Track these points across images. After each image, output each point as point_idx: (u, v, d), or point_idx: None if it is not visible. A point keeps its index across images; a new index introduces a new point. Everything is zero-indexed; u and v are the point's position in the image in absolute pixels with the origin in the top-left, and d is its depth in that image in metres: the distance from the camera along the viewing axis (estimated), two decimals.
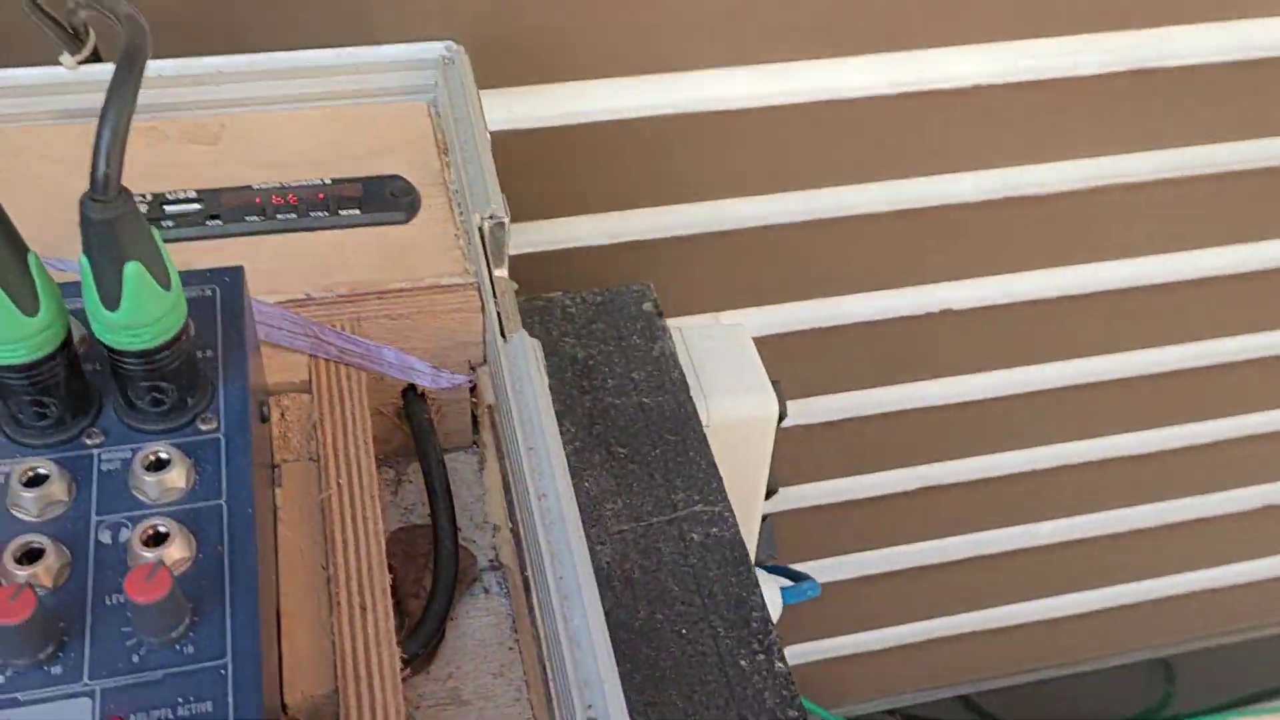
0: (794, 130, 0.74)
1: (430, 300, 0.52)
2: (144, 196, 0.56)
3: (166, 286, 0.37)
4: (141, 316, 0.36)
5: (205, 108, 0.62)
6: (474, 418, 0.55)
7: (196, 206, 0.55)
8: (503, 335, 0.50)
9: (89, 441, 0.39)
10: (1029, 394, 0.96)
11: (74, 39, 0.59)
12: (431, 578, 0.48)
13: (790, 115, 0.74)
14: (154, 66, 0.61)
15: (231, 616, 0.35)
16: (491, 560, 0.51)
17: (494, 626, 0.49)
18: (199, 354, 0.40)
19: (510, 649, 0.48)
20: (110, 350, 0.38)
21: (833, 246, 0.80)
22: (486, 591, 0.50)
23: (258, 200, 0.56)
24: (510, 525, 0.48)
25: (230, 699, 0.34)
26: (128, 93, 0.36)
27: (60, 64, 0.58)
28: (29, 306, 0.36)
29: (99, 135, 0.35)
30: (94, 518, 0.37)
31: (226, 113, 0.62)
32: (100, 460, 0.39)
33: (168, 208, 0.55)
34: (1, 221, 0.35)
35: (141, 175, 0.58)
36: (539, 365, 0.49)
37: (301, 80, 0.62)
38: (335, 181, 0.57)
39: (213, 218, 0.55)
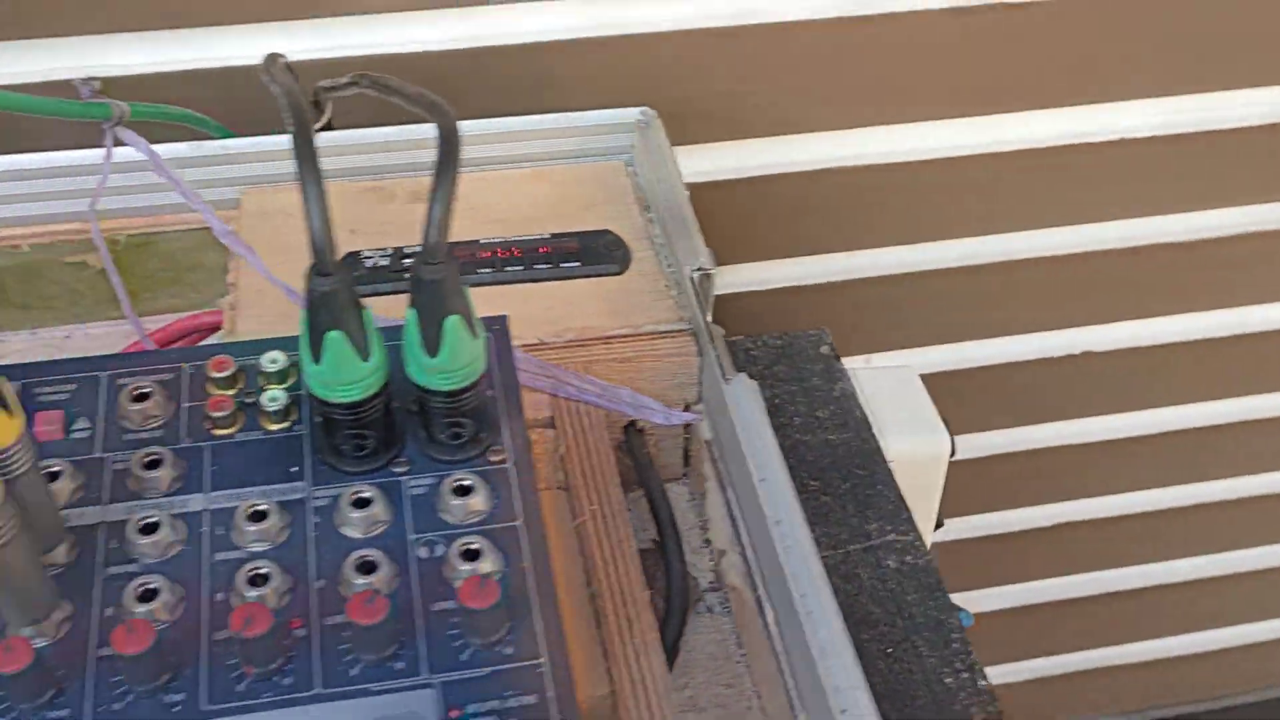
0: (954, 182, 0.79)
1: (651, 345, 0.58)
2: (384, 250, 0.62)
3: (475, 335, 0.42)
4: (456, 362, 0.42)
5: (427, 170, 0.68)
6: (685, 452, 0.60)
7: None
8: (724, 377, 0.54)
9: (397, 470, 0.44)
10: (1189, 429, 0.99)
11: (314, 109, 0.65)
12: (664, 599, 0.53)
13: (950, 168, 0.79)
14: (379, 133, 0.68)
15: (542, 621, 0.40)
16: (711, 582, 0.56)
17: (720, 642, 0.53)
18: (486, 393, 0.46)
19: (737, 662, 0.53)
20: (423, 390, 0.43)
21: (986, 290, 0.85)
22: (710, 610, 0.55)
23: (486, 254, 0.61)
24: (739, 549, 0.53)
25: (551, 693, 0.39)
26: (450, 174, 0.41)
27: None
28: (364, 353, 0.41)
29: (431, 208, 0.41)
30: (410, 536, 0.43)
31: None
32: (408, 487, 0.44)
33: (405, 260, 0.61)
34: (346, 282, 0.40)
35: (375, 231, 0.64)
36: (761, 404, 0.53)
37: (512, 143, 0.68)
38: (555, 236, 0.62)
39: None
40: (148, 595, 0.40)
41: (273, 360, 0.47)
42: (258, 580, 0.41)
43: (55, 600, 0.40)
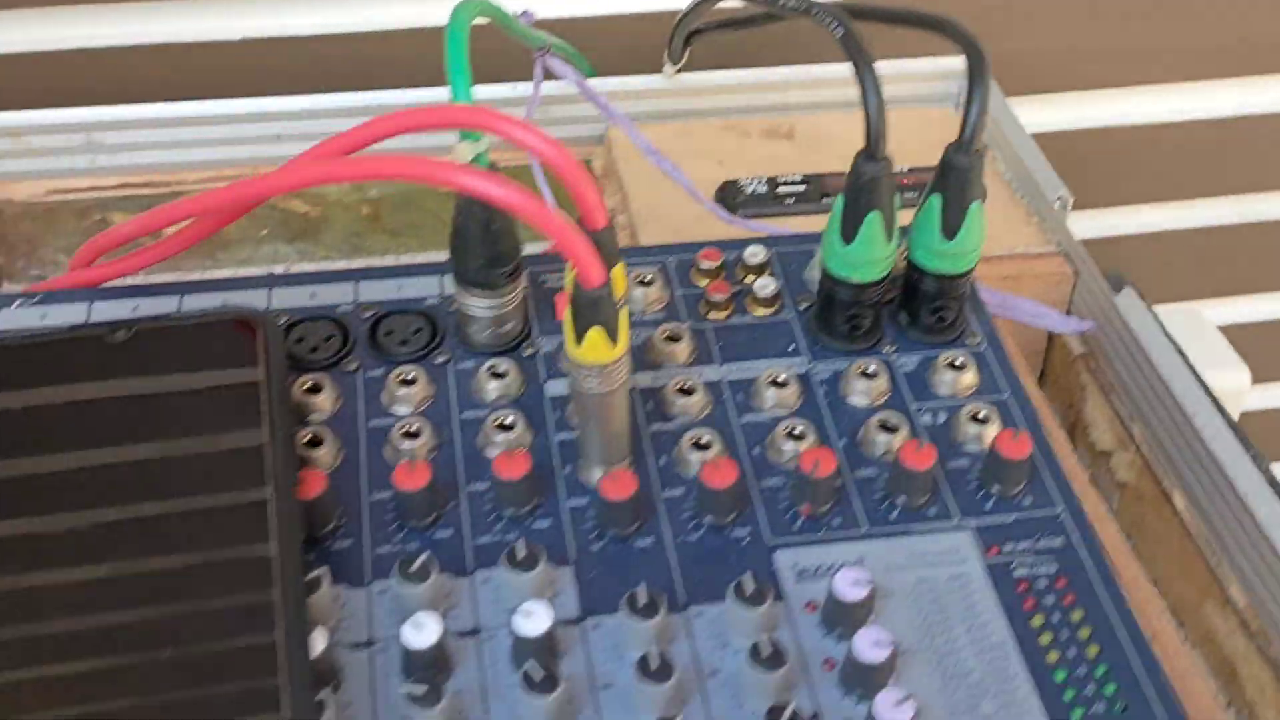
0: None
1: (1030, 265, 0.62)
2: (760, 178, 0.67)
3: (981, 224, 0.47)
4: (968, 244, 0.47)
5: (776, 110, 0.73)
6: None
7: (804, 187, 0.66)
8: (1113, 289, 0.59)
9: (886, 350, 0.49)
10: None
11: (681, 53, 0.70)
12: None
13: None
14: (733, 75, 0.73)
15: (1053, 477, 0.45)
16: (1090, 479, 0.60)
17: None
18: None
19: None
20: (927, 274, 0.48)
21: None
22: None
23: None
24: (1132, 448, 0.57)
25: (1076, 535, 0.43)
26: (983, 83, 0.45)
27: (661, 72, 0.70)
28: (890, 235, 0.46)
29: (969, 109, 0.45)
30: (911, 405, 0.47)
31: (794, 114, 0.73)
32: (897, 364, 0.49)
33: (779, 189, 0.66)
34: (889, 169, 0.45)
35: (740, 164, 0.69)
36: (1150, 312, 0.58)
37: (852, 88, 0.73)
38: (912, 170, 0.67)
39: (825, 195, 0.65)
40: (702, 446, 0.45)
41: (754, 253, 0.52)
42: (793, 435, 0.46)
43: (627, 451, 0.45)
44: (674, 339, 0.49)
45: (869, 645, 0.38)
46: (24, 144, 0.70)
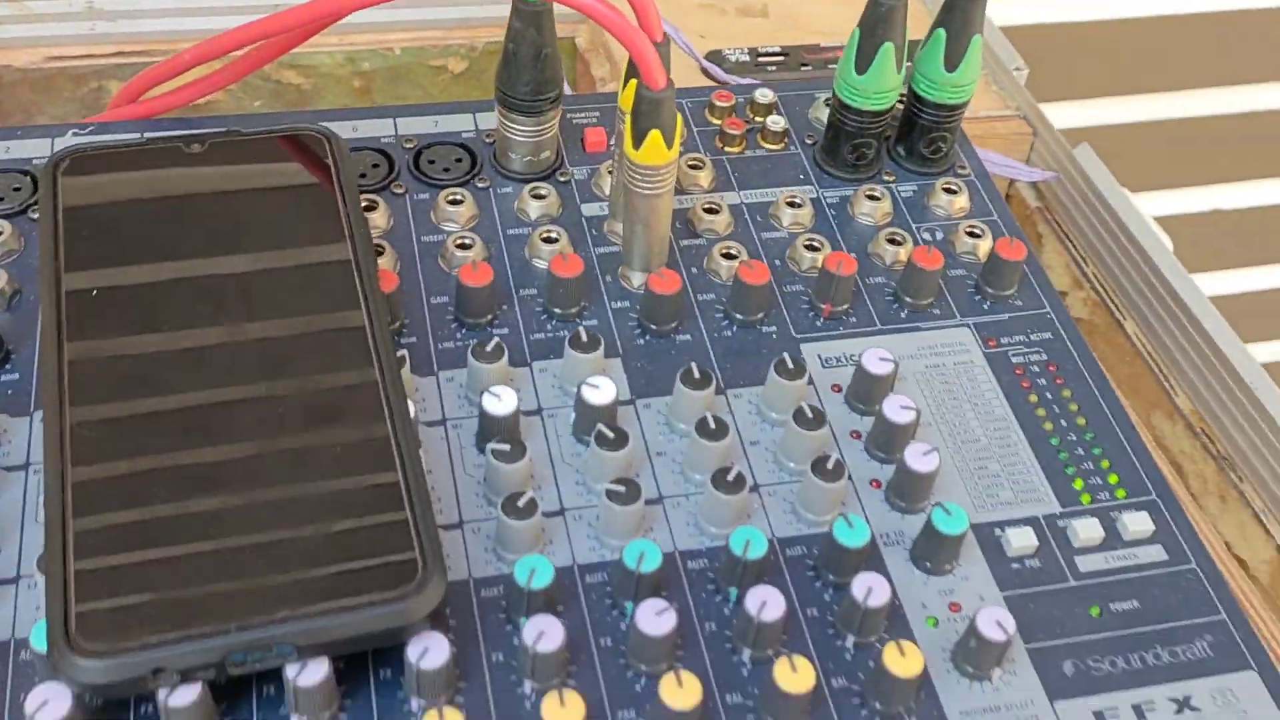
0: None
1: (993, 126, 0.68)
2: (742, 49, 0.71)
3: (978, 58, 0.52)
4: (968, 76, 0.52)
5: None
6: None
7: (783, 58, 0.71)
8: (1069, 145, 0.65)
9: (887, 178, 0.54)
10: None
11: None
12: None
13: None
14: None
15: (1038, 283, 0.51)
16: None
17: None
18: None
19: None
20: (927, 105, 0.53)
21: None
22: None
23: (827, 55, 0.71)
24: (1087, 285, 0.63)
25: (1063, 330, 0.49)
26: None
27: None
28: (899, 66, 0.51)
29: None
30: (913, 224, 0.53)
31: None
32: (898, 191, 0.54)
33: (761, 58, 0.71)
34: (904, 2, 0.50)
35: (720, 37, 0.73)
36: (1103, 165, 0.64)
37: None
38: None
39: (803, 65, 0.70)
40: (730, 256, 0.50)
41: (763, 95, 0.56)
42: (811, 246, 0.51)
43: (667, 255, 0.49)
44: (697, 166, 0.53)
45: (896, 409, 0.44)
46: (24, 9, 0.71)
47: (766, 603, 0.38)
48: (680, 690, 0.36)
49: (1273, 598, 0.53)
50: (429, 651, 0.36)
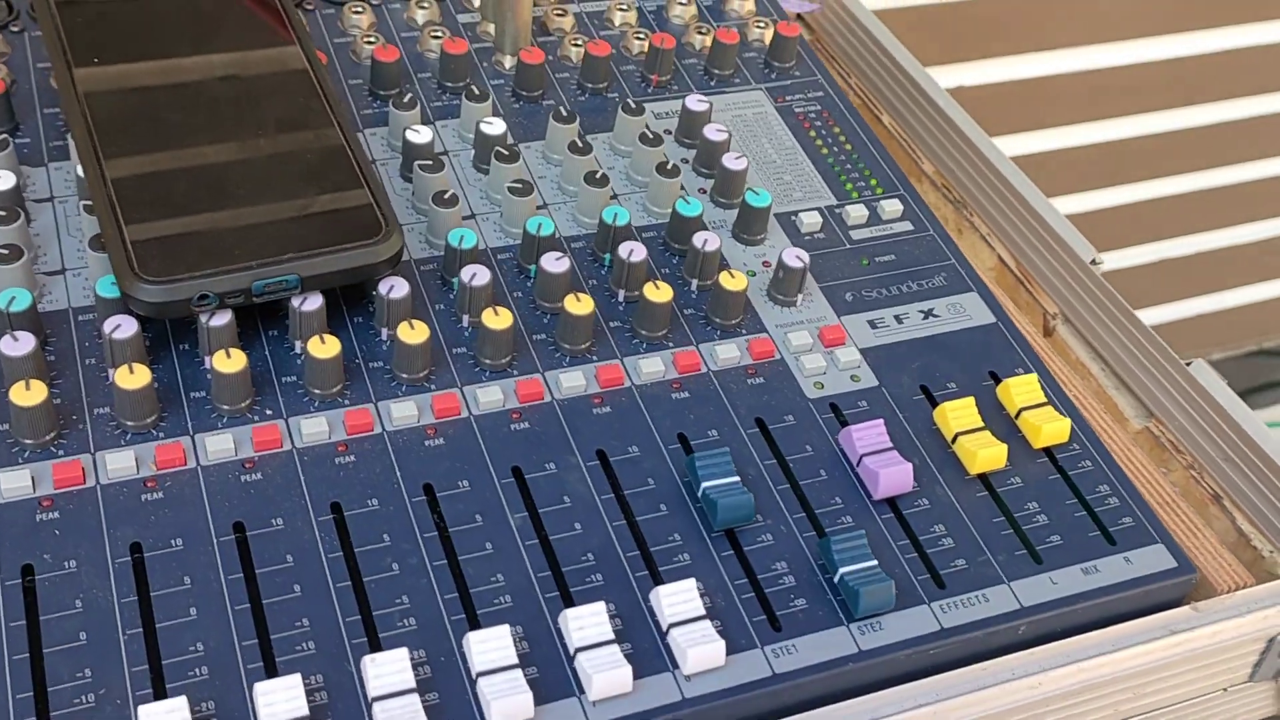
0: None
1: None
2: None
3: None
4: None
5: None
6: None
7: None
8: None
9: None
10: None
11: None
12: None
13: None
14: None
15: (810, 58, 0.67)
16: None
17: None
18: None
19: None
20: None
21: None
22: None
23: None
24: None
25: (831, 90, 0.65)
26: None
27: None
28: None
29: None
30: (716, 23, 0.68)
31: None
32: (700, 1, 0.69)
33: None
34: None
35: None
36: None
37: None
38: None
39: None
40: (578, 45, 0.64)
41: None
42: (638, 37, 0.65)
43: (531, 39, 0.63)
44: None
45: (714, 132, 0.59)
46: None
47: (633, 250, 0.53)
48: (579, 303, 0.50)
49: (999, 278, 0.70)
50: (394, 288, 0.50)
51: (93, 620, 0.41)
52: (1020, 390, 0.52)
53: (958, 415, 0.50)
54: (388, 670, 0.39)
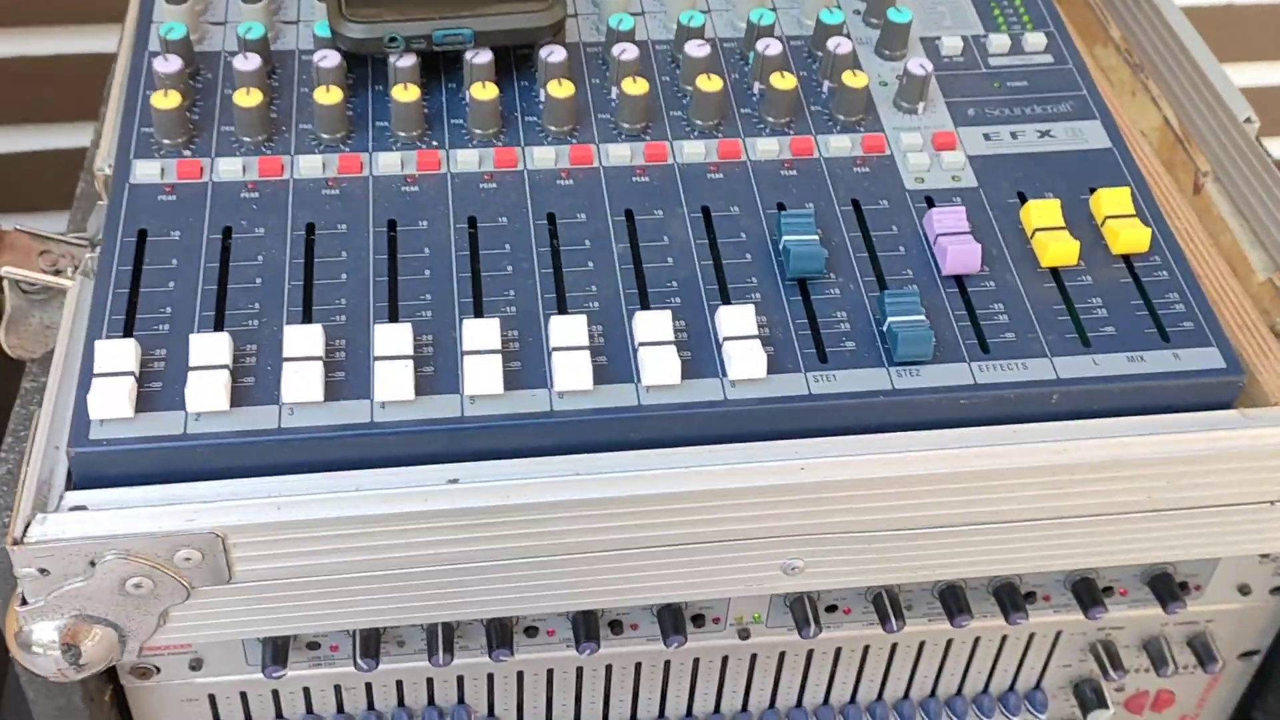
0: None
1: None
2: None
3: None
4: None
5: None
6: None
7: None
8: None
9: None
10: None
11: None
12: None
13: None
14: None
15: None
16: None
17: None
18: None
19: None
20: None
21: None
22: None
23: None
24: None
25: None
26: None
27: None
28: None
29: None
30: None
31: None
32: None
33: None
34: None
35: None
36: None
37: None
38: None
39: None
40: None
41: None
42: None
43: None
44: None
45: None
46: None
47: (769, 45, 0.59)
48: (709, 81, 0.57)
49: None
50: (554, 53, 0.58)
51: (269, 272, 0.52)
52: (1110, 200, 0.55)
53: (1041, 213, 0.54)
54: (480, 333, 0.48)
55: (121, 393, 0.46)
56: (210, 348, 0.47)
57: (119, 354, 0.47)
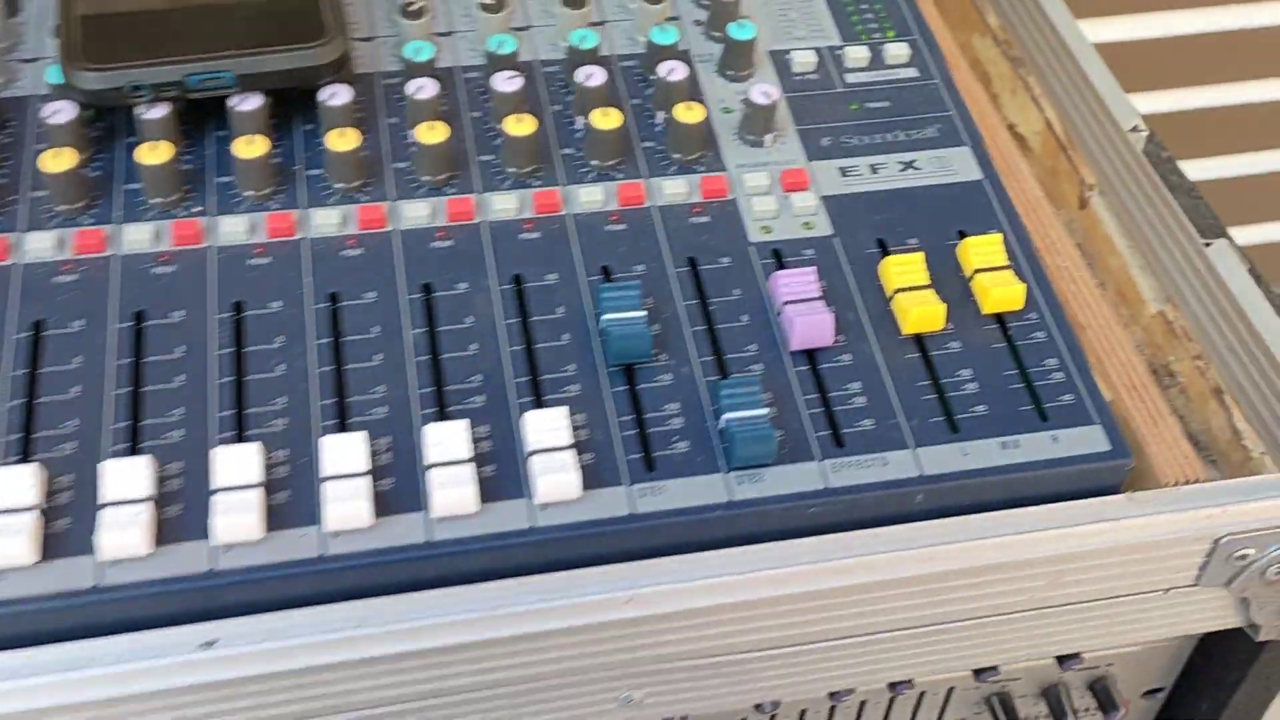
0: None
1: None
2: None
3: None
4: None
5: None
6: None
7: None
8: None
9: None
10: None
11: None
12: None
13: None
14: None
15: None
16: None
17: None
18: None
19: None
20: None
21: None
22: None
23: None
24: None
25: None
26: None
27: None
28: None
29: None
30: None
31: None
32: None
33: None
34: None
35: None
36: None
37: None
38: None
39: None
40: None
41: None
42: None
43: None
44: None
45: None
46: None
47: (591, 74, 0.51)
48: (520, 124, 0.49)
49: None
50: (335, 95, 0.49)
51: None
52: (979, 250, 0.48)
53: (901, 270, 0.47)
54: (236, 464, 0.40)
55: None
56: None
57: None
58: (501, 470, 0.42)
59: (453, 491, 0.40)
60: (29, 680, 0.37)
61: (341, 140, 0.48)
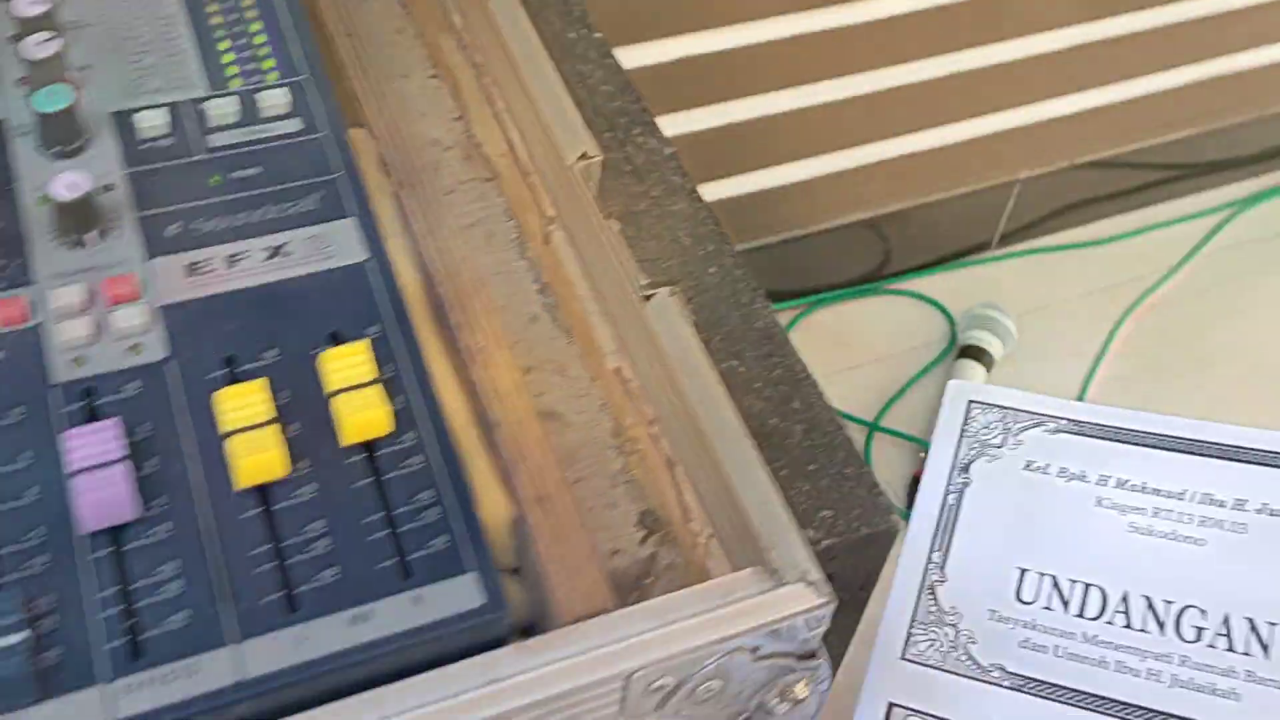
0: None
1: None
2: None
3: None
4: None
5: None
6: None
7: None
8: None
9: None
10: None
11: None
12: None
13: None
14: None
15: None
16: None
17: None
18: None
19: None
20: None
21: None
22: None
23: None
24: None
25: None
26: None
27: None
28: None
29: None
30: None
31: None
32: None
33: None
34: None
35: None
36: None
37: None
38: None
39: None
40: None
41: None
42: None
43: None
44: None
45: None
46: None
47: None
48: None
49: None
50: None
51: None
52: (339, 365, 0.40)
53: (237, 407, 0.39)
54: None
55: None
56: None
57: None
58: None
59: None
60: None
61: None
